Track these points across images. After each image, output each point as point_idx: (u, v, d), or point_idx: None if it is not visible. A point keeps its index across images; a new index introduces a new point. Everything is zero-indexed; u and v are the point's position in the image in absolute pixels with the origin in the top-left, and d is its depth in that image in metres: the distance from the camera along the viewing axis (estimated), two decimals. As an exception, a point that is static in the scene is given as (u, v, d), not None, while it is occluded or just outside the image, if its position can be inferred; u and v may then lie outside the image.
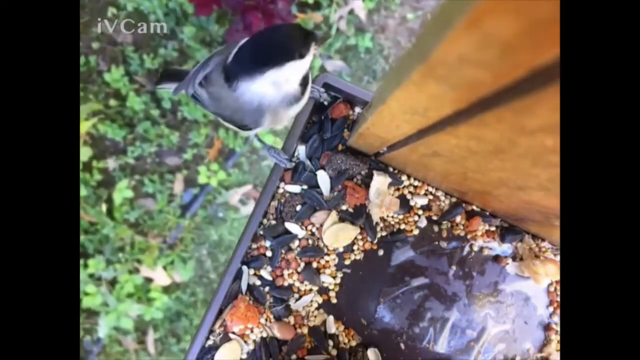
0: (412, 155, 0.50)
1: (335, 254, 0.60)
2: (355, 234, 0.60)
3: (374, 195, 0.58)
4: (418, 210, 0.61)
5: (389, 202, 0.58)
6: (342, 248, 0.60)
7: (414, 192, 0.61)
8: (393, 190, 0.61)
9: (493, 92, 0.24)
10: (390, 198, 0.59)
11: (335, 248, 0.60)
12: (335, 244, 0.59)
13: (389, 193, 0.60)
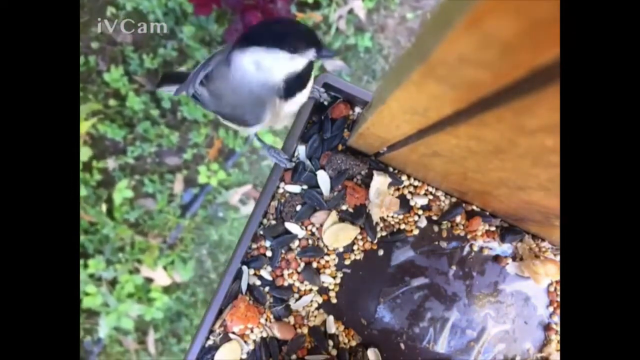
0: (412, 155, 0.50)
1: (335, 254, 0.60)
2: (355, 234, 0.60)
3: (374, 195, 0.58)
4: (418, 210, 0.61)
5: (389, 202, 0.58)
6: (342, 248, 0.60)
7: (414, 192, 0.61)
8: (393, 190, 0.61)
9: (493, 92, 0.24)
10: (390, 198, 0.59)
11: (335, 248, 0.60)
12: (335, 244, 0.59)
13: (389, 193, 0.60)
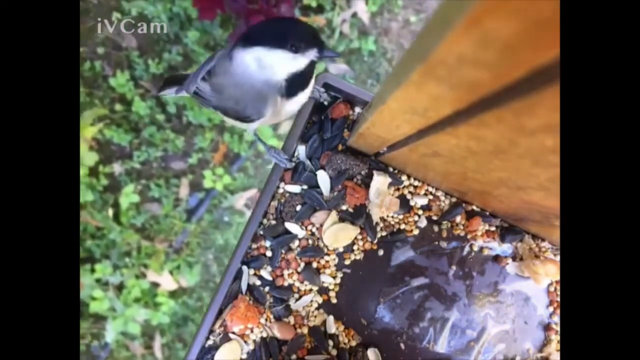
0: (412, 155, 0.50)
1: (335, 254, 0.60)
2: (355, 234, 0.60)
3: (374, 195, 0.58)
4: (418, 210, 0.61)
5: (389, 202, 0.58)
6: (342, 248, 0.60)
7: (414, 192, 0.61)
8: (393, 190, 0.61)
9: (493, 92, 0.24)
10: (390, 198, 0.59)
11: (335, 248, 0.60)
12: (335, 244, 0.59)
13: (389, 193, 0.60)
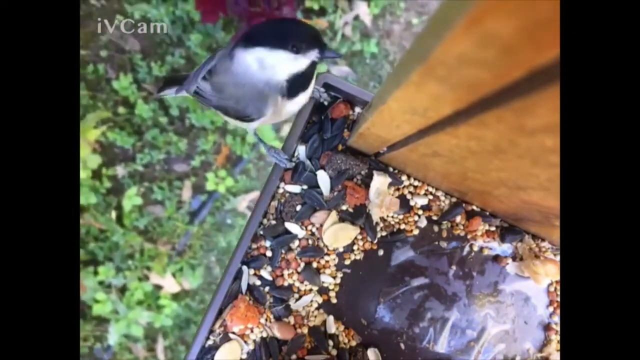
0: (412, 155, 0.50)
1: (335, 254, 0.60)
2: (355, 234, 0.60)
3: (374, 195, 0.58)
4: (418, 210, 0.61)
5: (389, 202, 0.58)
6: (342, 248, 0.60)
7: (414, 192, 0.61)
8: (393, 190, 0.61)
9: (493, 92, 0.24)
10: (390, 198, 0.59)
11: (335, 248, 0.60)
12: (335, 244, 0.59)
13: (389, 193, 0.60)
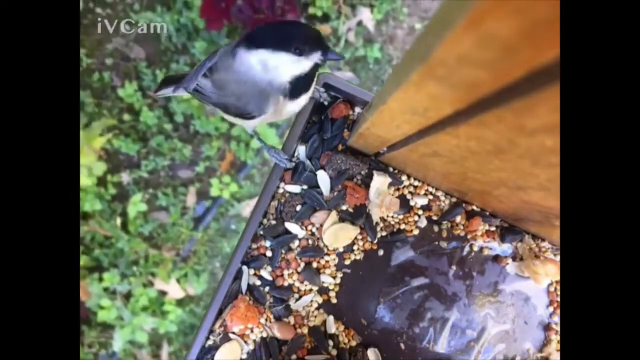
0: (412, 155, 0.50)
1: (335, 254, 0.60)
2: (355, 234, 0.60)
3: (374, 195, 0.58)
4: (418, 210, 0.61)
5: (389, 202, 0.58)
6: (342, 248, 0.60)
7: (414, 192, 0.61)
8: (393, 190, 0.61)
9: (493, 92, 0.24)
10: (390, 198, 0.59)
11: (335, 248, 0.60)
12: (335, 244, 0.59)
13: (389, 193, 0.60)
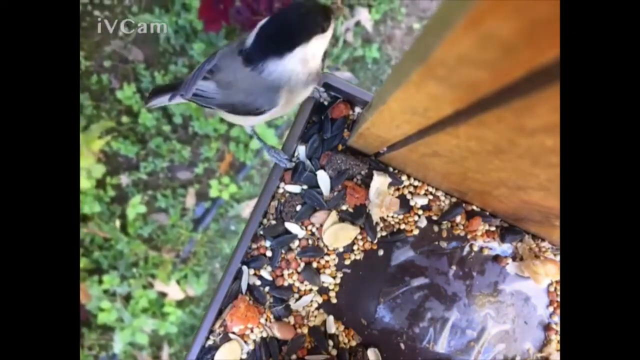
0: (412, 155, 0.50)
1: (335, 254, 0.60)
2: (355, 234, 0.60)
3: (374, 195, 0.58)
4: (418, 210, 0.61)
5: (389, 202, 0.58)
6: (342, 248, 0.60)
7: (414, 192, 0.61)
8: (393, 190, 0.61)
9: (493, 92, 0.24)
10: (390, 198, 0.59)
11: (335, 248, 0.60)
12: (335, 244, 0.59)
13: (389, 193, 0.60)
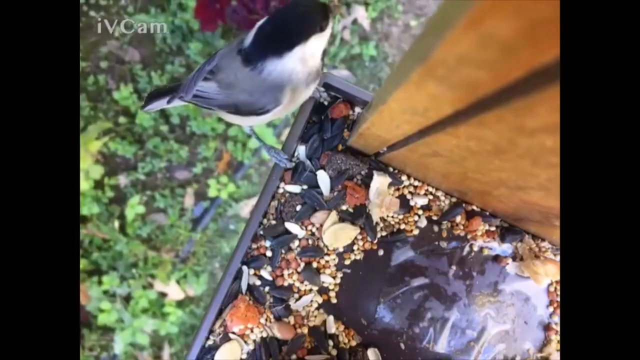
0: (412, 155, 0.50)
1: (335, 254, 0.60)
2: (355, 234, 0.60)
3: (374, 195, 0.58)
4: (418, 210, 0.61)
5: (389, 202, 0.58)
6: (342, 248, 0.60)
7: (414, 192, 0.61)
8: (393, 190, 0.61)
9: (493, 92, 0.24)
10: (390, 198, 0.59)
11: (335, 248, 0.60)
12: (335, 244, 0.59)
13: (389, 193, 0.60)
